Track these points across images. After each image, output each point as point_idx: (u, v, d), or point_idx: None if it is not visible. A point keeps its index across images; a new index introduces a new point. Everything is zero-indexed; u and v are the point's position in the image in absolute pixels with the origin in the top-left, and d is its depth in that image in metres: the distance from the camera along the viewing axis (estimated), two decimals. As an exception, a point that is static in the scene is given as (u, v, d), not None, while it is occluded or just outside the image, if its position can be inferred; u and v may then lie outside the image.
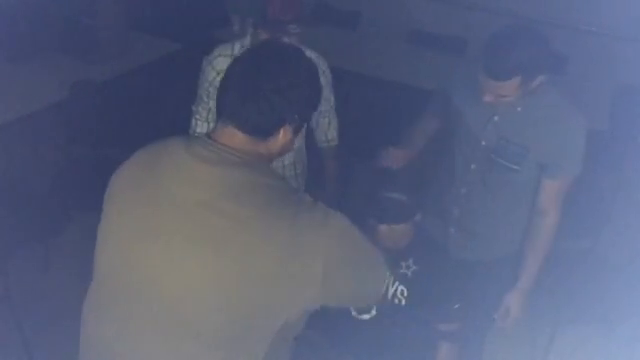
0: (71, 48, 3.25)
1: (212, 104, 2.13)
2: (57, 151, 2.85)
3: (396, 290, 1.85)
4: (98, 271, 1.24)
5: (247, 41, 2.09)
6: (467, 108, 1.95)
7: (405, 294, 1.84)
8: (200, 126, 2.23)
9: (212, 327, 1.13)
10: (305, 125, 1.28)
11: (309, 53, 1.74)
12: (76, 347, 1.29)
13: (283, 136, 1.19)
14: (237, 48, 2.08)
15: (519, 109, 1.86)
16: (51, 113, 2.79)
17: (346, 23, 4.25)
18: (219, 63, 2.08)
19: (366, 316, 1.91)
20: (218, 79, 2.02)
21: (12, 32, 3.09)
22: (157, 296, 1.14)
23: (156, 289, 1.14)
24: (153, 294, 1.14)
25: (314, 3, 4.54)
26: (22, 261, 2.76)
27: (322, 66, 2.12)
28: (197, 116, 2.22)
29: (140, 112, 3.01)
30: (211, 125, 2.23)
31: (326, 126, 2.33)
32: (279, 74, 1.16)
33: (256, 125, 1.16)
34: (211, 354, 1.14)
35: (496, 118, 1.90)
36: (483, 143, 1.93)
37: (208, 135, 1.20)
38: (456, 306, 1.83)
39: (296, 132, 1.22)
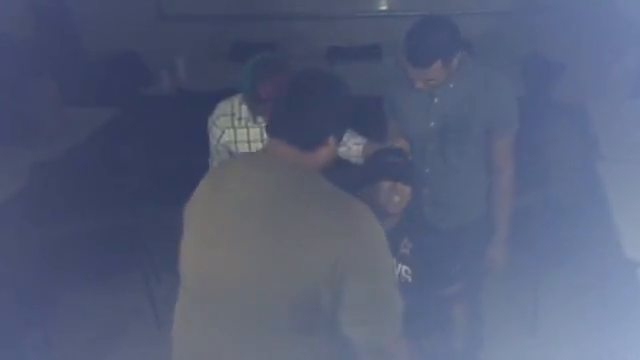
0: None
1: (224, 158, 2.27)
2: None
3: (400, 271, 2.03)
4: (185, 280, 1.40)
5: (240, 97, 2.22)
6: (410, 99, 2.18)
7: (410, 272, 2.02)
8: None
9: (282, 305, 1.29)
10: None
11: None
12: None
13: (327, 148, 1.37)
14: (236, 105, 2.24)
15: (451, 86, 2.09)
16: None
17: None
18: (222, 122, 2.25)
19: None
20: (224, 136, 2.24)
21: None
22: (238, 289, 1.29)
23: (234, 284, 1.29)
24: (232, 288, 1.30)
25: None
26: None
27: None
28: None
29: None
30: None
31: None
32: (321, 93, 1.36)
33: (304, 138, 1.34)
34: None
35: (436, 100, 2.13)
36: (432, 124, 2.16)
37: (263, 150, 1.41)
38: (457, 268, 2.02)
39: (337, 144, 1.41)
